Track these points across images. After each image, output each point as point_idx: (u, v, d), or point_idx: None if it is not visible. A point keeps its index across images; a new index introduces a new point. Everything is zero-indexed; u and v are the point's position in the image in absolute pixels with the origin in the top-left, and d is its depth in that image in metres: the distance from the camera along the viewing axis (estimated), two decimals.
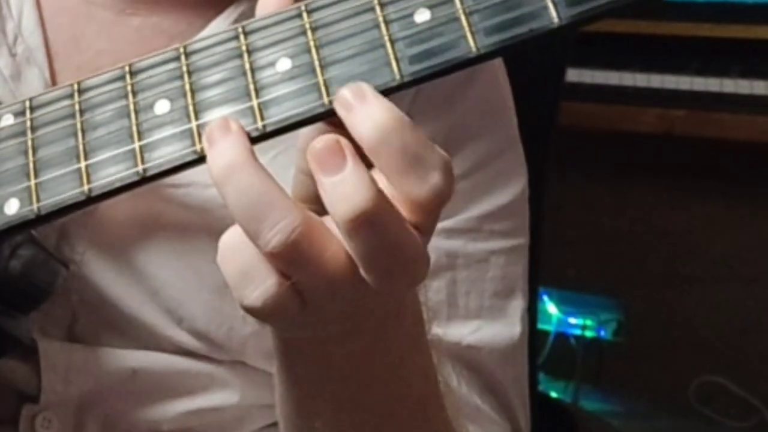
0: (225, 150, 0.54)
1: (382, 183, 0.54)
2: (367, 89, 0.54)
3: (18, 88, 0.76)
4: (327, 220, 0.55)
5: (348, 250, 0.54)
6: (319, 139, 0.53)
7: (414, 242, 0.54)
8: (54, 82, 0.77)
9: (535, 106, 1.15)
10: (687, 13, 2.08)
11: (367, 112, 0.53)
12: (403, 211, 0.54)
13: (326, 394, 0.63)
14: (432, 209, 0.55)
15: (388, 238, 0.53)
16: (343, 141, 0.53)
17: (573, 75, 2.02)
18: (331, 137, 0.53)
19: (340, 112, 0.54)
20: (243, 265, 0.55)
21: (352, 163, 0.53)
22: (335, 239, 0.54)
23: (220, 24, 0.77)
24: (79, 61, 0.78)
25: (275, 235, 0.53)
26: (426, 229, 0.55)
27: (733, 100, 2.03)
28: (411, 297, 0.63)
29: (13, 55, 0.77)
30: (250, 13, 0.75)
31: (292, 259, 0.54)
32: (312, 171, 0.53)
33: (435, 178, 0.53)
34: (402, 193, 0.53)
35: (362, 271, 0.54)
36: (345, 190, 0.52)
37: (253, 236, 0.54)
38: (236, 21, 0.76)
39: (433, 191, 0.53)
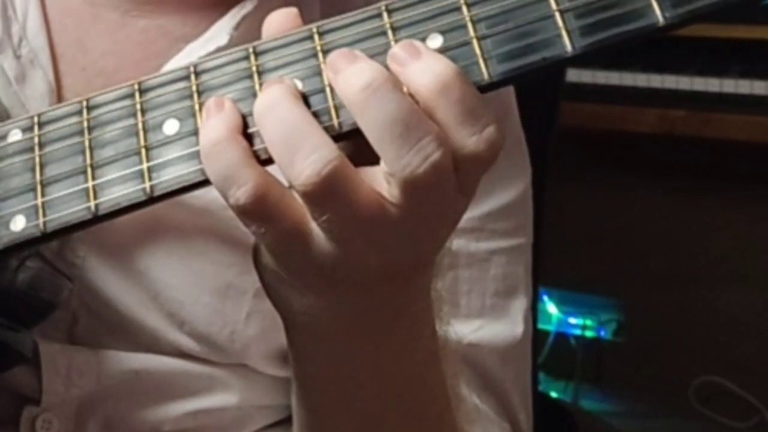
0: (266, 88, 0.55)
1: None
2: (421, 46, 0.55)
3: (22, 90, 0.76)
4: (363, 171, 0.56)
5: (382, 194, 0.55)
6: None
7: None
8: (58, 84, 0.77)
9: (535, 106, 1.15)
10: None
11: (426, 65, 0.54)
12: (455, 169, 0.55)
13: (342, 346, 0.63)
14: (485, 162, 0.56)
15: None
16: None
17: (573, 75, 2.02)
18: None
19: (394, 68, 0.55)
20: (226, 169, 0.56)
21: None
22: (367, 183, 0.55)
23: (224, 25, 0.76)
24: (84, 62, 0.78)
25: (309, 166, 0.54)
26: (469, 188, 0.57)
27: (733, 100, 2.03)
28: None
29: (17, 57, 0.77)
30: (254, 14, 0.75)
31: (323, 195, 0.54)
32: None
33: (491, 131, 0.55)
34: (458, 147, 0.55)
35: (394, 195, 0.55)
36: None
37: (286, 167, 0.54)
38: (240, 22, 0.76)
39: (488, 143, 0.55)
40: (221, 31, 0.76)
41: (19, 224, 0.59)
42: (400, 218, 0.56)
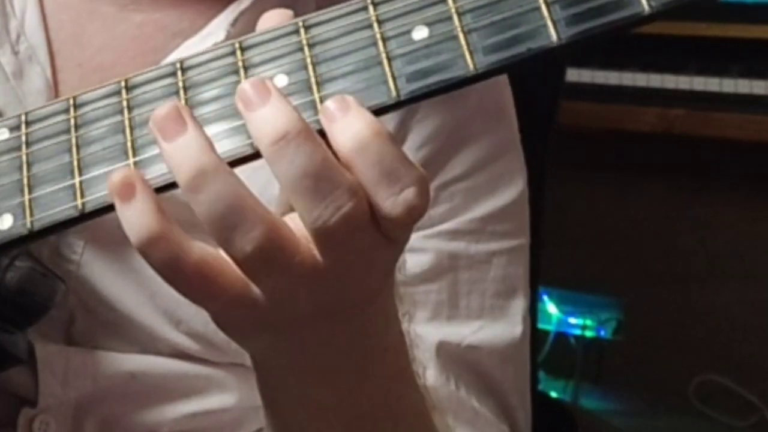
0: (191, 151, 0.54)
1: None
2: (351, 101, 0.54)
3: (20, 86, 0.76)
4: (291, 219, 0.55)
5: (312, 251, 0.54)
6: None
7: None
8: (55, 80, 0.78)
9: (535, 106, 1.15)
10: (687, 13, 2.08)
11: (348, 122, 0.53)
12: (376, 223, 0.54)
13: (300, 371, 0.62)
14: (404, 224, 0.54)
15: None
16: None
17: (573, 75, 2.02)
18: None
19: (324, 123, 0.54)
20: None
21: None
22: (301, 240, 0.55)
23: (222, 21, 0.76)
24: (81, 58, 0.78)
25: (248, 244, 0.53)
26: (396, 236, 0.55)
27: (732, 99, 2.03)
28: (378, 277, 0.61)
29: (15, 53, 0.77)
30: (251, 10, 0.75)
31: (261, 266, 0.54)
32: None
33: (409, 194, 0.53)
34: (375, 207, 0.53)
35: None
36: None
37: (224, 243, 0.54)
38: (238, 18, 0.76)
39: (405, 207, 0.53)
40: (219, 27, 0.76)
41: (6, 223, 0.59)
42: (323, 266, 0.55)
